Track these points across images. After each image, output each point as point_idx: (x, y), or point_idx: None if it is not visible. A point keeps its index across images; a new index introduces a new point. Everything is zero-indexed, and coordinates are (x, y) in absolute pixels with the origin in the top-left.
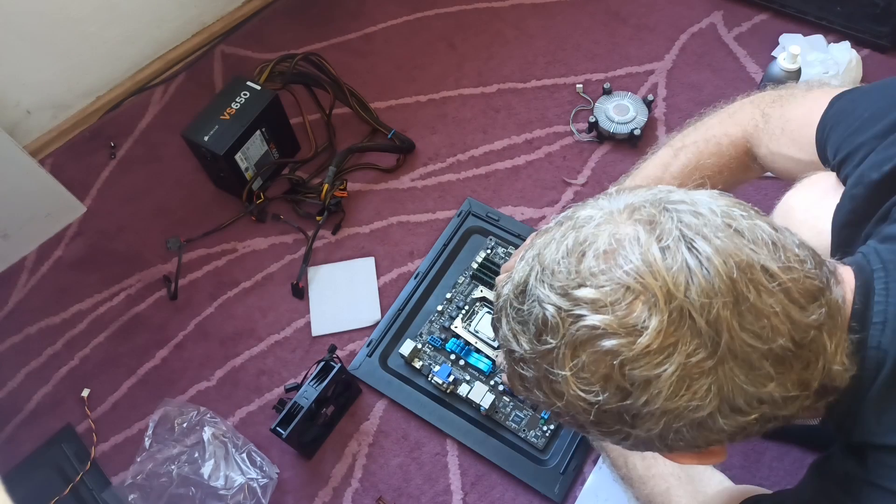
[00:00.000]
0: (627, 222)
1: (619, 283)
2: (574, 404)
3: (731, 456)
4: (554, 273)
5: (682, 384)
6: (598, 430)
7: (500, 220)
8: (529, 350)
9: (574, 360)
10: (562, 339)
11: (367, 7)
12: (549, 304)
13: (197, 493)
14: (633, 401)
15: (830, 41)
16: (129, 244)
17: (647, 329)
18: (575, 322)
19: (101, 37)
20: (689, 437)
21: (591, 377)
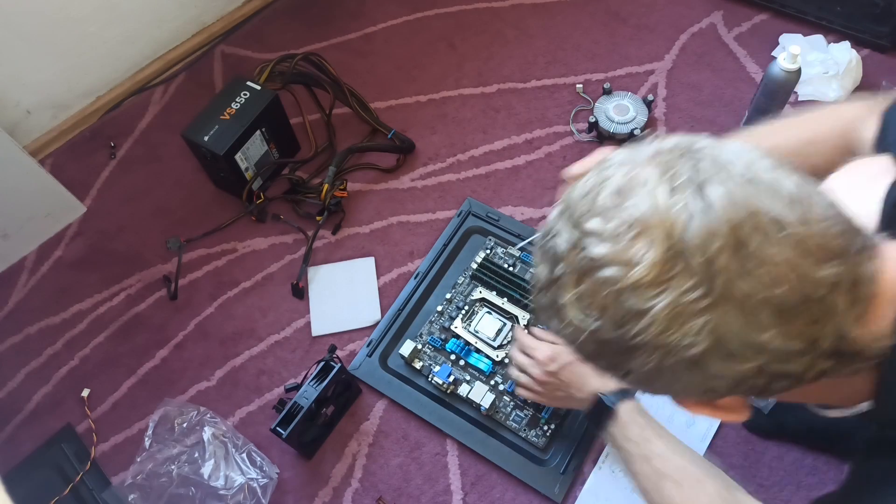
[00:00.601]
0: (647, 166)
1: (625, 220)
2: (577, 331)
3: (732, 455)
4: (574, 209)
5: (674, 320)
6: (601, 362)
7: (500, 220)
8: (545, 279)
9: (577, 287)
10: (568, 268)
11: (367, 7)
12: (563, 236)
13: (197, 493)
14: (627, 331)
15: (830, 41)
16: (129, 244)
17: (642, 262)
18: (581, 251)
19: (101, 37)
20: (686, 380)
21: (591, 305)
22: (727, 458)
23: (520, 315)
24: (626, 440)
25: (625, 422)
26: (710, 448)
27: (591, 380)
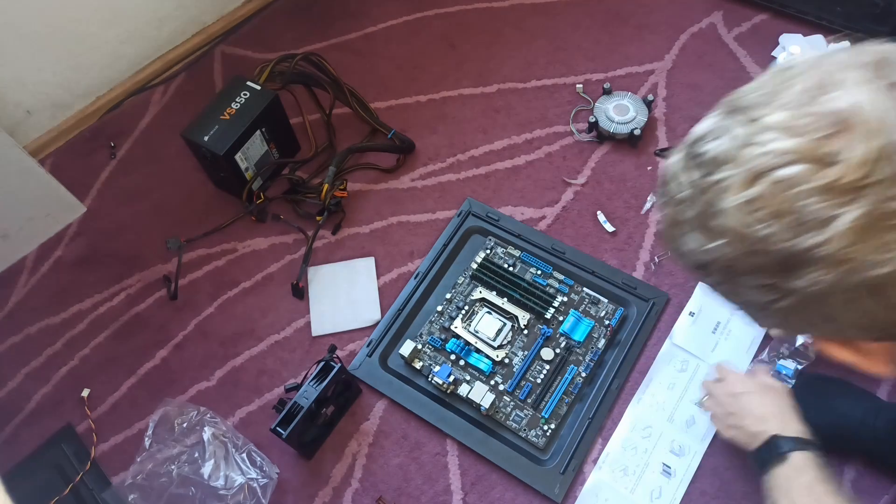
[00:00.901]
0: (850, 63)
1: (823, 114)
2: (734, 244)
3: (731, 456)
4: (750, 105)
5: (868, 232)
6: (751, 281)
7: (500, 220)
8: (693, 187)
9: (748, 188)
10: (737, 169)
11: (367, 7)
12: (733, 133)
13: (197, 493)
14: (804, 241)
15: (830, 41)
16: (129, 244)
17: (841, 162)
18: (758, 148)
19: (101, 37)
20: (856, 309)
21: (762, 209)
22: (727, 458)
23: (520, 315)
24: (787, 491)
25: (792, 473)
26: (711, 448)
27: (770, 420)
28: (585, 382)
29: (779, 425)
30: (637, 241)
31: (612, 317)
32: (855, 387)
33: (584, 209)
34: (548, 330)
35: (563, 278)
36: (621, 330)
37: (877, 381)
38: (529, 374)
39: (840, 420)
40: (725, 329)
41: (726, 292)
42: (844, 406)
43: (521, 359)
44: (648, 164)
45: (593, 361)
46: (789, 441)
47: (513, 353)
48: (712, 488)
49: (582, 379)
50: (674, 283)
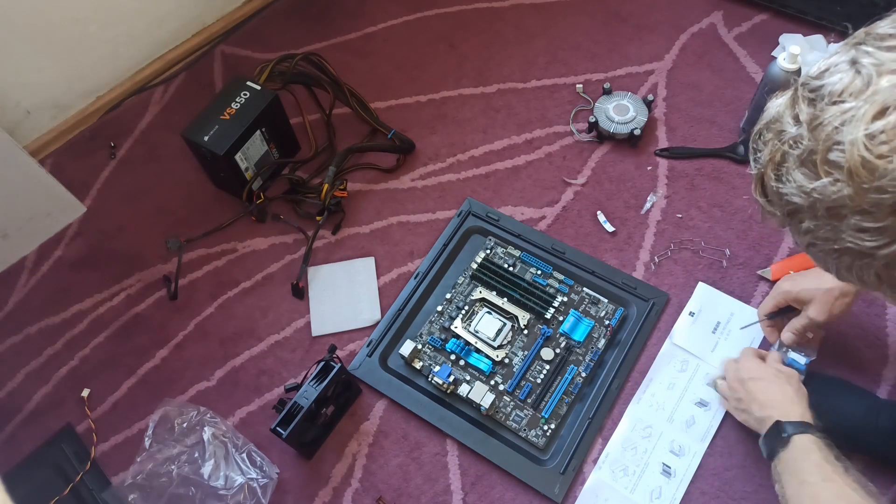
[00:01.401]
0: None
1: None
2: (851, 176)
3: (732, 455)
4: (881, 34)
5: None
6: (859, 222)
7: (500, 220)
8: (811, 118)
9: (876, 120)
10: (867, 97)
11: (367, 7)
12: (866, 62)
13: (197, 493)
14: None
15: (830, 41)
16: (129, 244)
17: None
18: (895, 75)
19: (101, 37)
20: None
21: (890, 141)
22: (727, 458)
23: (520, 315)
24: (794, 472)
25: (798, 455)
26: (711, 448)
27: (775, 406)
28: (585, 382)
29: (782, 411)
30: (637, 241)
31: (612, 317)
32: (855, 386)
33: (584, 209)
34: (548, 330)
35: (563, 278)
36: (621, 330)
37: (877, 381)
38: (529, 374)
39: (842, 419)
40: (725, 329)
41: (825, 238)
42: (846, 405)
43: (521, 359)
44: (648, 164)
45: (593, 361)
46: (792, 425)
47: (513, 353)
48: (712, 488)
49: (582, 379)
50: (674, 283)
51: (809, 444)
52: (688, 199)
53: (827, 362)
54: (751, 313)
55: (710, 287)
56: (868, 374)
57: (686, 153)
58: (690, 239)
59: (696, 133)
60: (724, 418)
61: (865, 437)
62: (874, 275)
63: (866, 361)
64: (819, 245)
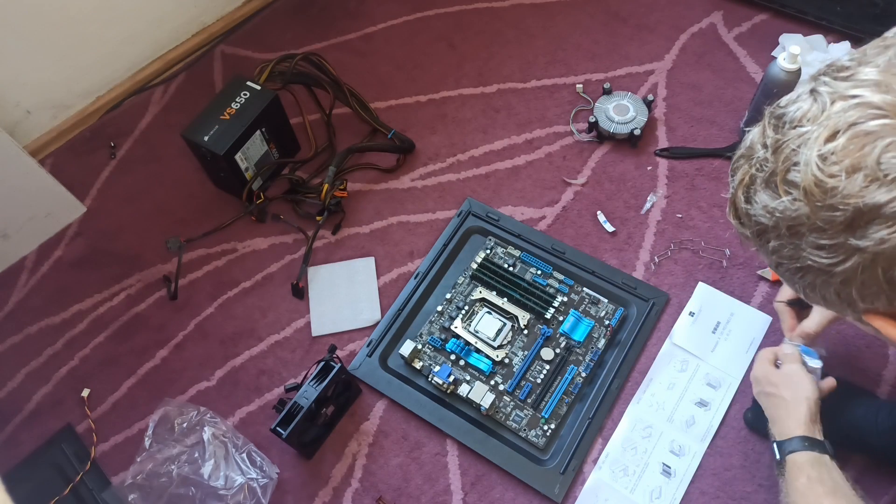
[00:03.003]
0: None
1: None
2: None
3: (732, 455)
4: (838, 69)
5: None
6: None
7: (500, 220)
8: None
9: (828, 143)
10: (822, 122)
11: (367, 7)
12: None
13: (197, 493)
14: (880, 194)
15: (830, 41)
16: (129, 244)
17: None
18: (846, 101)
19: (101, 37)
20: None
21: (840, 161)
22: (727, 458)
23: (520, 315)
24: (789, 492)
25: (793, 473)
26: (711, 448)
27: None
28: (585, 382)
29: (780, 429)
30: (637, 241)
31: (612, 317)
32: (855, 386)
33: (584, 209)
34: (548, 330)
35: (563, 278)
36: (621, 330)
37: (877, 381)
38: (529, 374)
39: (842, 419)
40: (725, 329)
41: (789, 256)
42: (845, 405)
43: (521, 359)
44: (648, 164)
45: (593, 361)
46: (785, 444)
47: (513, 353)
48: (712, 488)
49: (582, 379)
50: (674, 283)
51: (801, 464)
52: (688, 199)
53: (827, 362)
54: (751, 313)
55: (710, 287)
56: (868, 374)
57: (686, 153)
58: (690, 239)
59: (696, 133)
60: (724, 418)
61: (865, 437)
62: (834, 293)
63: (866, 361)
64: (785, 264)
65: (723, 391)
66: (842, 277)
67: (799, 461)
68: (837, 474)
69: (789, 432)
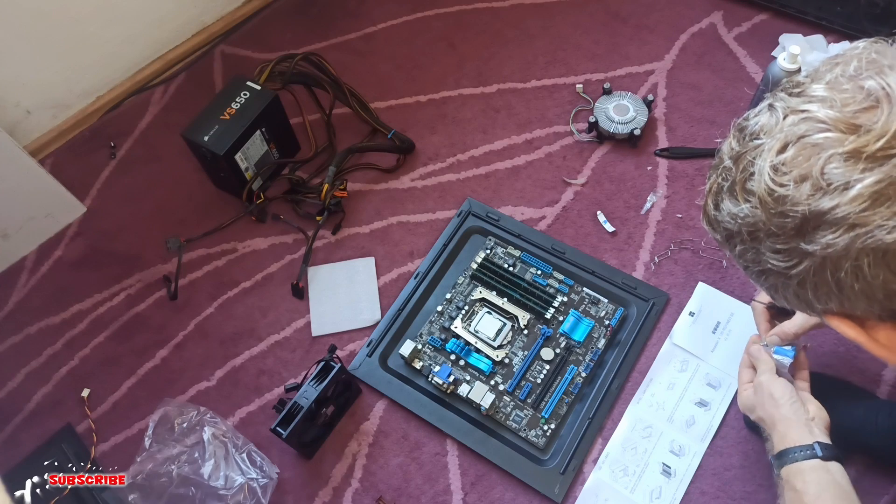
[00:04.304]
0: (889, 52)
1: (862, 90)
2: (762, 203)
3: (731, 455)
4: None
5: (883, 198)
6: (772, 244)
7: (500, 220)
8: (735, 153)
9: (779, 154)
10: (775, 135)
11: (367, 7)
12: (776, 106)
13: (197, 493)
14: (824, 202)
15: (830, 41)
16: (129, 244)
17: (867, 132)
18: (796, 115)
19: (101, 37)
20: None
21: (790, 171)
22: (727, 458)
23: (520, 315)
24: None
25: (783, 487)
26: (711, 448)
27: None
28: (585, 382)
29: (771, 444)
30: (637, 241)
31: (612, 317)
32: (855, 386)
33: (584, 209)
34: (548, 330)
35: (563, 278)
36: (621, 330)
37: (877, 381)
38: (529, 374)
39: (841, 419)
40: (725, 329)
41: (751, 261)
42: (844, 405)
43: (521, 359)
44: (648, 164)
45: (593, 361)
46: (776, 459)
47: (513, 353)
48: (712, 488)
49: (582, 379)
50: (674, 283)
51: (787, 478)
52: (688, 199)
53: (827, 362)
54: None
55: (710, 287)
56: (868, 374)
57: (686, 153)
58: (690, 239)
59: (696, 133)
60: (724, 418)
61: (865, 437)
62: (793, 294)
63: (866, 362)
64: (750, 267)
65: (723, 391)
66: (797, 280)
67: (785, 475)
68: (826, 475)
69: (775, 447)
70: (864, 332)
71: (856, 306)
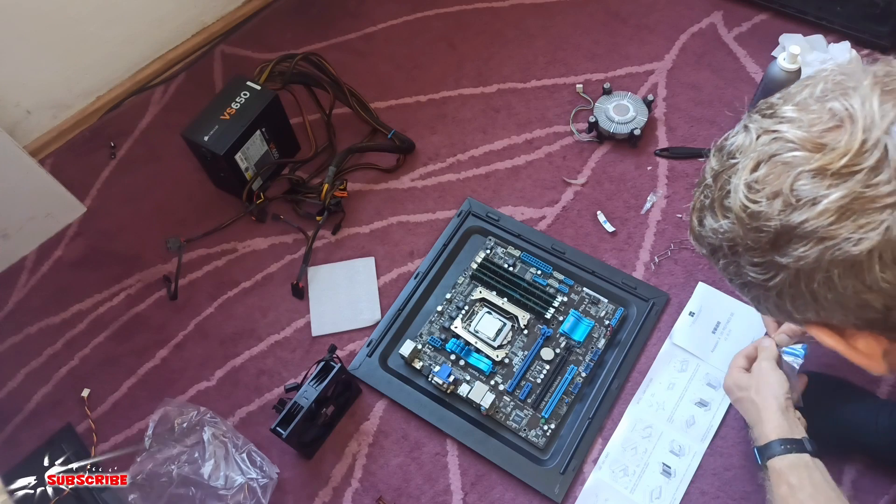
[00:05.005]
0: (861, 75)
1: (828, 111)
2: (738, 219)
3: (731, 455)
4: (767, 105)
5: (849, 212)
6: (750, 258)
7: (500, 220)
8: (714, 171)
9: (753, 172)
10: (749, 154)
11: (367, 7)
12: (751, 127)
13: (197, 493)
14: (794, 217)
15: (830, 41)
16: (129, 244)
17: (835, 149)
18: (768, 135)
19: (101, 37)
20: (839, 287)
21: (762, 189)
22: (727, 458)
23: (520, 315)
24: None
25: (774, 480)
26: (711, 448)
27: (756, 425)
28: (585, 382)
29: (758, 432)
30: (637, 241)
31: (612, 317)
32: (856, 386)
33: (584, 209)
34: (548, 330)
35: (563, 278)
36: (621, 330)
37: (877, 381)
38: (529, 374)
39: (842, 419)
40: (725, 329)
41: (733, 274)
42: (846, 405)
43: (521, 359)
44: (648, 164)
45: (593, 361)
46: (764, 449)
47: (513, 353)
48: (712, 488)
49: (582, 379)
50: (674, 283)
51: (781, 470)
52: (688, 199)
53: (827, 362)
54: (751, 313)
55: (710, 287)
56: (868, 375)
57: (686, 153)
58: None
59: (696, 133)
60: (724, 418)
61: (865, 436)
62: (774, 305)
63: None
64: (734, 280)
65: (723, 391)
66: (776, 291)
67: (778, 467)
68: (818, 474)
69: (765, 436)
70: (843, 340)
71: (832, 316)
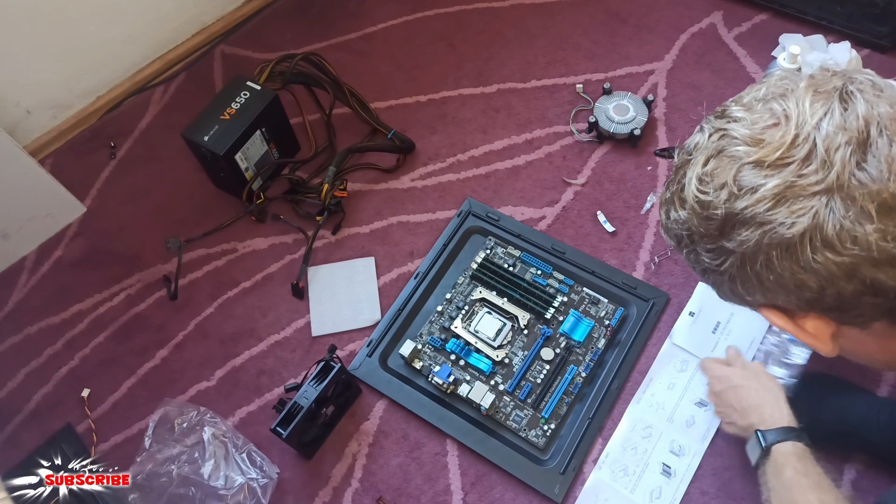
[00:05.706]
0: (799, 79)
1: (769, 111)
2: (691, 209)
3: (732, 455)
4: (723, 108)
5: (783, 198)
6: (704, 245)
7: (500, 220)
8: (675, 168)
9: (703, 167)
10: (702, 150)
11: (367, 7)
12: (705, 129)
13: (197, 493)
14: (737, 204)
15: (830, 41)
16: (129, 244)
17: (769, 144)
18: (718, 133)
19: (101, 37)
20: (778, 269)
21: (711, 181)
22: (727, 458)
23: (520, 315)
24: (774, 486)
25: (780, 464)
26: (711, 448)
27: (753, 412)
28: (585, 382)
29: (760, 417)
30: (637, 241)
31: (612, 317)
32: (855, 384)
33: (584, 209)
34: (548, 330)
35: (563, 278)
36: (621, 330)
37: (877, 381)
38: (529, 374)
39: (842, 417)
40: (725, 329)
41: (694, 262)
42: (846, 403)
43: (521, 359)
44: (648, 164)
45: (593, 361)
46: (773, 433)
47: (513, 353)
48: (712, 488)
49: (582, 379)
50: (674, 283)
51: (786, 455)
52: None
53: (828, 361)
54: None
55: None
56: (868, 374)
57: None
58: None
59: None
60: None
61: (866, 435)
62: (728, 289)
63: None
64: (696, 268)
65: None
66: (728, 275)
67: (784, 452)
68: (819, 467)
69: (774, 421)
70: (791, 321)
71: (776, 297)
